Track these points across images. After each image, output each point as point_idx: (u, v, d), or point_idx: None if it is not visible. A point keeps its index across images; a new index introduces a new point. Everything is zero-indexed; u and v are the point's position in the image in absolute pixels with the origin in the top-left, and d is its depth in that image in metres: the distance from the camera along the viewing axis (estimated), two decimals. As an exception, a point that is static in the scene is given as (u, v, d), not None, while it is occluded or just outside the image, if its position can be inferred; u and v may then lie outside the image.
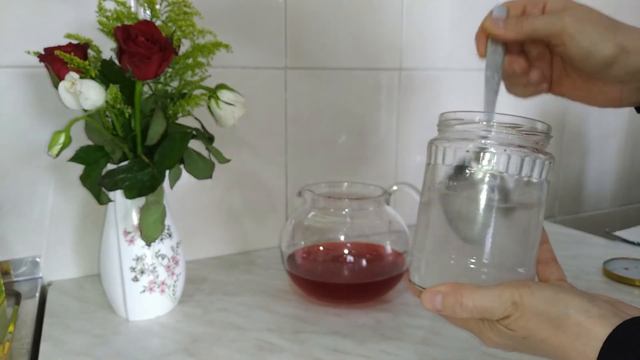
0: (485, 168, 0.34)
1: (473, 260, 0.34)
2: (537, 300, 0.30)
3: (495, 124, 0.34)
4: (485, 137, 0.34)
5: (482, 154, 0.34)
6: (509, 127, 0.34)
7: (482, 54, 0.41)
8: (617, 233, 0.88)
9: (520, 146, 0.34)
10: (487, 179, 0.34)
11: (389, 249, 0.60)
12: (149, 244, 0.51)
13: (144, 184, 0.50)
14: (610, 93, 0.40)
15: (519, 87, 0.42)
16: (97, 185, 0.50)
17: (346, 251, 0.60)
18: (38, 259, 0.63)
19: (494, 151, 0.34)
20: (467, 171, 0.34)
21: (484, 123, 0.34)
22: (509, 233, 0.35)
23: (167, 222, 0.54)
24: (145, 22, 0.47)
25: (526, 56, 0.42)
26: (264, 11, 0.71)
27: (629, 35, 0.37)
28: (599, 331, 0.28)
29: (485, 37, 0.40)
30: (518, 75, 0.41)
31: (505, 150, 0.33)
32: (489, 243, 0.34)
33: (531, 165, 0.34)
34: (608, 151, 1.13)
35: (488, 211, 0.34)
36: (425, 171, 0.38)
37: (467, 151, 0.34)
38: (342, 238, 0.60)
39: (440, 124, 0.37)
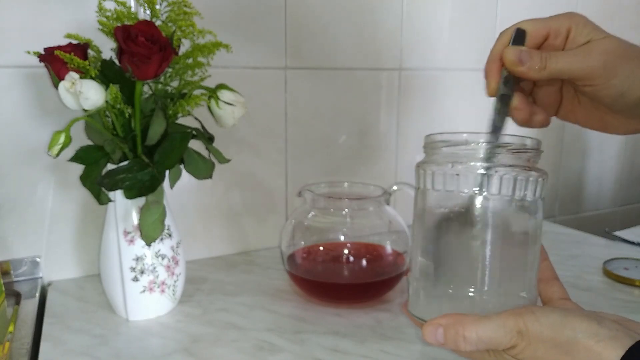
0: (477, 191, 0.32)
1: (472, 289, 0.33)
2: (543, 327, 0.29)
3: (483, 145, 0.33)
4: (474, 160, 0.33)
5: (472, 177, 0.32)
6: (498, 147, 0.33)
7: (493, 92, 0.37)
8: (617, 233, 0.88)
9: (511, 166, 0.33)
10: (479, 202, 0.32)
11: (389, 249, 0.60)
12: (149, 244, 0.51)
13: (144, 184, 0.50)
14: (631, 124, 0.37)
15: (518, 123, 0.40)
16: (97, 185, 0.50)
17: (346, 251, 0.60)
18: (38, 259, 0.63)
19: (485, 173, 0.32)
20: (460, 194, 0.33)
21: (472, 145, 0.33)
22: (506, 257, 0.33)
23: (167, 222, 0.54)
24: (145, 22, 0.47)
25: (533, 83, 0.39)
26: (264, 11, 0.71)
27: None
28: (610, 354, 0.27)
29: (499, 68, 0.36)
30: (518, 121, 0.38)
31: (496, 171, 0.32)
32: (487, 269, 0.33)
33: (524, 184, 0.33)
34: (608, 151, 1.13)
35: (483, 236, 0.33)
36: (415, 196, 0.36)
37: (457, 175, 0.33)
38: (342, 238, 0.60)
39: (426, 146, 0.36)
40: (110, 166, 0.52)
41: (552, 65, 0.35)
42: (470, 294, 0.33)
